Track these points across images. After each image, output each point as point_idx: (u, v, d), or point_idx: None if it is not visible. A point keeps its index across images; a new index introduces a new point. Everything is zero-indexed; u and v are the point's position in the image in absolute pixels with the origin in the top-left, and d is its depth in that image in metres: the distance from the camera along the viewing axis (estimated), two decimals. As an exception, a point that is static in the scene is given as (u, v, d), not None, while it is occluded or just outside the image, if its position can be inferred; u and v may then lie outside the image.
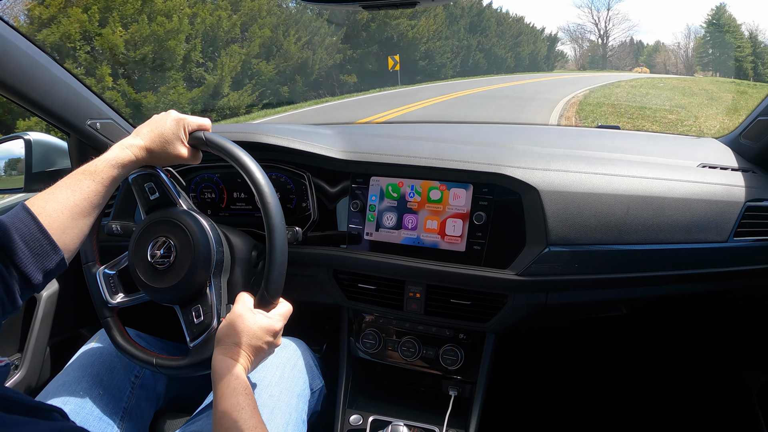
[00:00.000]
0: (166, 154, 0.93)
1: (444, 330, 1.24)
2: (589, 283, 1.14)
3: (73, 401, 0.96)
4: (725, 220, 1.13)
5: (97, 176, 0.86)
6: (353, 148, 1.22)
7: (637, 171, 1.16)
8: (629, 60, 47.10)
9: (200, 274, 0.91)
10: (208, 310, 0.91)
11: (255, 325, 0.86)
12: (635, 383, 1.70)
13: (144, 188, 0.97)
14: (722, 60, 45.32)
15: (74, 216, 0.83)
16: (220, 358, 0.82)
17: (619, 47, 50.08)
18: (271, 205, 0.89)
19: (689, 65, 48.47)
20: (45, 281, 0.80)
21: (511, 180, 1.11)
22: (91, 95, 1.37)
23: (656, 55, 50.14)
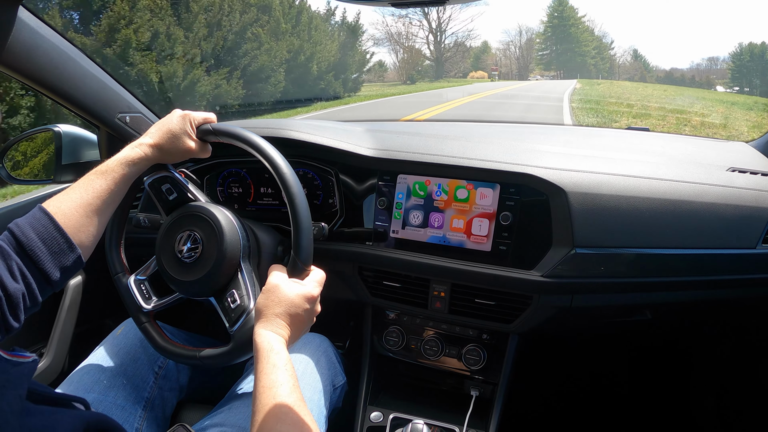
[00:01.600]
0: (176, 148, 0.95)
1: (467, 330, 1.24)
2: (614, 287, 1.13)
3: (96, 390, 0.98)
4: (754, 226, 1.12)
5: (109, 175, 0.89)
6: (381, 145, 1.22)
7: (666, 174, 1.15)
8: (464, 64, 43.82)
9: (229, 260, 0.92)
10: (242, 293, 0.91)
11: (292, 293, 0.85)
12: (658, 388, 1.69)
13: (161, 190, 0.99)
14: (568, 57, 44.65)
15: (88, 214, 0.85)
16: (260, 332, 0.81)
17: (452, 51, 44.93)
18: (287, 174, 0.91)
19: (525, 65, 46.69)
20: (63, 279, 0.83)
21: (538, 180, 1.11)
22: (120, 89, 1.39)
23: (485, 56, 47.23)
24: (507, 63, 47.11)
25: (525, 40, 47.73)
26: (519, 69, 46.76)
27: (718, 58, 44.14)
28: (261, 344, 0.79)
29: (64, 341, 1.39)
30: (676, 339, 1.60)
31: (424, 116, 12.03)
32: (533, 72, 46.62)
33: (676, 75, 39.67)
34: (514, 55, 48.35)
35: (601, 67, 44.04)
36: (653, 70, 44.02)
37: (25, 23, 1.06)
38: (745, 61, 32.52)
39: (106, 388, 0.98)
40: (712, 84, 35.14)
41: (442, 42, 42.93)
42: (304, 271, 0.90)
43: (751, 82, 32.30)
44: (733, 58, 34.27)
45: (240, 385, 1.08)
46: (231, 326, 0.90)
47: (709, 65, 41.34)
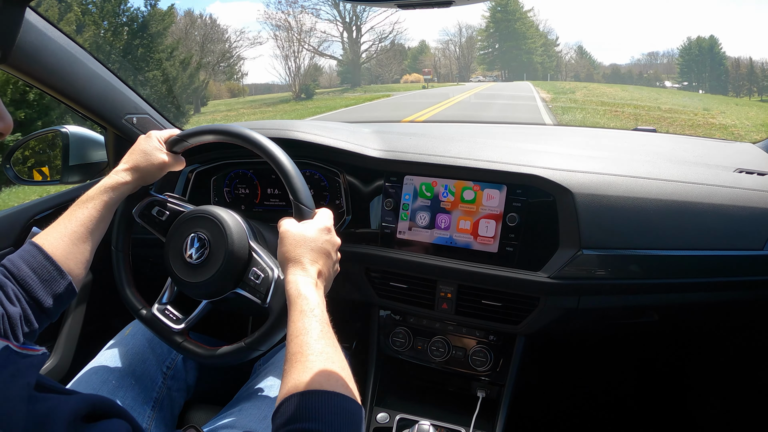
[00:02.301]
0: (151, 164, 0.98)
1: (474, 331, 1.24)
2: (621, 288, 1.13)
3: (105, 390, 0.98)
4: (761, 227, 1.11)
5: (90, 203, 0.92)
6: (387, 146, 1.23)
7: (673, 175, 1.15)
8: (395, 67, 38.10)
9: (239, 248, 0.93)
10: (263, 266, 0.92)
11: (307, 231, 0.85)
12: (664, 390, 1.68)
13: (152, 215, 1.02)
14: (513, 56, 41.14)
15: (75, 242, 0.88)
16: (288, 279, 0.80)
17: (380, 54, 37.96)
18: (261, 141, 0.95)
19: (466, 65, 42.41)
20: (57, 306, 0.85)
21: (545, 182, 1.11)
22: (127, 90, 1.40)
23: (423, 57, 42.30)
24: (446, 63, 42.68)
25: (465, 38, 43.55)
26: (460, 69, 42.34)
27: (657, 53, 42.13)
28: (289, 292, 0.78)
29: (72, 341, 1.40)
30: (682, 341, 1.59)
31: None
32: (475, 72, 42.60)
33: (623, 71, 38.01)
34: (454, 54, 43.64)
35: (548, 66, 41.08)
36: (599, 67, 41.73)
37: (32, 25, 1.07)
38: (693, 55, 31.54)
39: (114, 388, 0.99)
40: (661, 79, 34.35)
41: (359, 40, 34.12)
42: (310, 213, 0.90)
43: (701, 76, 31.51)
44: (681, 53, 33.13)
45: (249, 386, 1.08)
46: (264, 301, 0.90)
47: (650, 60, 39.39)
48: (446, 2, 0.72)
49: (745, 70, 26.73)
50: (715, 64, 30.23)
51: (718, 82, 29.26)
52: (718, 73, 29.67)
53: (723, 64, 29.67)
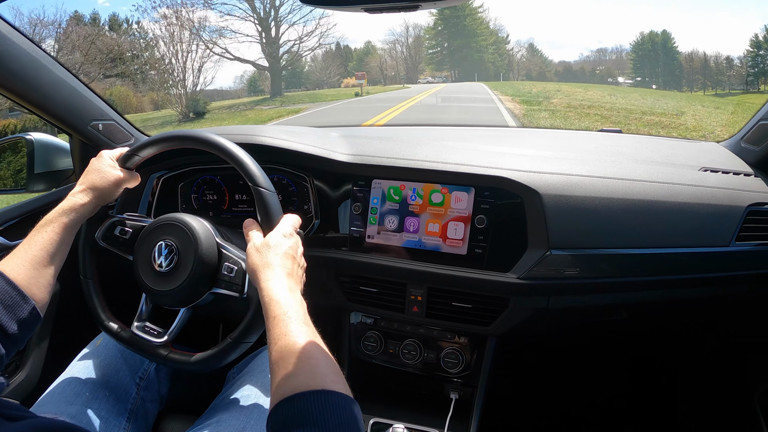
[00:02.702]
0: (107, 181, 0.98)
1: (445, 333, 1.24)
2: (590, 287, 1.13)
3: (78, 402, 0.96)
4: (727, 225, 1.13)
5: (49, 227, 0.90)
6: (355, 151, 1.22)
7: (639, 174, 1.16)
8: (334, 70, 34.03)
9: (207, 246, 0.93)
10: (234, 260, 0.93)
11: (270, 239, 0.87)
12: (637, 387, 1.70)
13: (116, 235, 1.02)
14: (463, 55, 38.35)
15: (36, 267, 0.87)
16: (260, 287, 0.81)
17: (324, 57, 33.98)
18: (214, 139, 0.95)
19: (414, 65, 39.28)
20: (22, 332, 0.83)
21: (512, 183, 1.11)
22: (93, 96, 1.38)
23: (369, 59, 38.92)
24: (393, 65, 39.43)
25: (413, 38, 40.29)
26: (407, 71, 39.05)
27: (606, 49, 40.92)
28: (263, 299, 0.79)
29: (41, 353, 1.37)
30: (653, 338, 1.61)
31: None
32: (423, 73, 39.67)
33: (575, 68, 36.45)
34: (401, 55, 40.23)
35: (500, 65, 38.34)
36: (550, 65, 39.68)
37: None
38: (647, 50, 30.71)
39: (88, 400, 0.97)
40: (613, 76, 33.56)
41: (278, 40, 26.15)
42: (272, 196, 0.92)
43: (654, 72, 30.81)
44: (634, 48, 32.13)
45: (225, 395, 1.07)
46: (241, 293, 0.90)
47: (598, 56, 38.05)
48: (412, 6, 0.72)
49: (698, 65, 26.59)
50: (669, 59, 29.78)
51: (672, 77, 28.87)
52: (672, 68, 29.35)
53: (676, 58, 29.35)
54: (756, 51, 22.29)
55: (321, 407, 0.62)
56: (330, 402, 0.63)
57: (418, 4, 0.70)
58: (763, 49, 22.01)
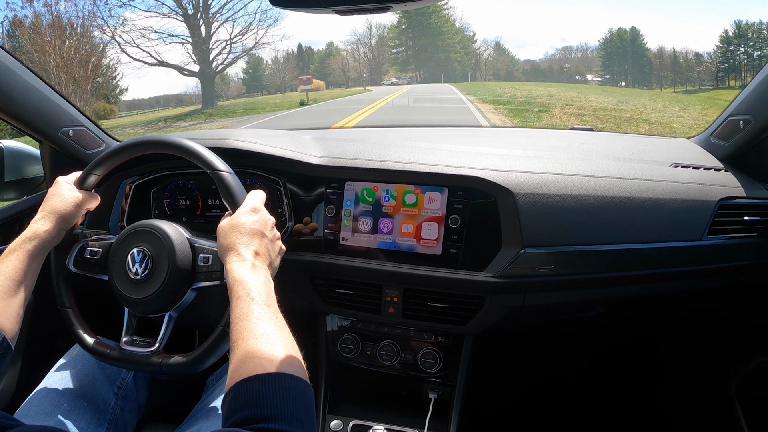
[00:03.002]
0: (66, 203, 0.97)
1: (422, 333, 1.24)
2: (565, 284, 1.14)
3: (57, 414, 0.95)
4: (699, 219, 1.15)
5: (14, 255, 0.89)
6: (328, 153, 1.21)
7: (611, 172, 1.17)
8: (289, 74, 31.83)
9: (179, 244, 0.93)
10: (208, 250, 0.93)
11: (234, 218, 0.87)
12: (614, 381, 1.71)
13: (87, 258, 1.00)
14: (429, 54, 36.15)
15: (3, 297, 0.85)
16: (226, 269, 0.82)
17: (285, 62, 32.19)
18: (170, 140, 0.96)
19: (377, 67, 36.95)
20: None
21: (485, 182, 1.11)
22: (63, 102, 1.36)
23: (330, 60, 36.89)
24: (356, 66, 37.20)
25: (376, 38, 37.95)
26: (371, 72, 36.70)
27: (571, 47, 39.63)
28: (227, 280, 0.80)
29: (15, 364, 1.35)
30: (629, 332, 1.62)
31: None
32: (387, 75, 37.06)
33: (543, 67, 35.15)
34: (364, 56, 37.82)
35: (467, 64, 36.17)
36: (517, 64, 37.95)
37: None
38: (615, 47, 29.80)
39: (67, 412, 0.96)
40: (582, 73, 32.58)
41: (209, 40, 21.35)
42: (230, 177, 0.92)
43: (623, 69, 30.18)
44: (603, 45, 30.96)
45: (204, 403, 1.06)
46: (222, 279, 0.91)
47: (564, 54, 36.89)
48: (384, 7, 0.71)
49: (668, 61, 26.24)
50: (638, 56, 29.20)
51: (642, 74, 28.46)
52: (641, 65, 28.90)
53: (645, 55, 28.87)
54: (726, 47, 22.15)
55: (276, 390, 0.63)
56: (284, 385, 0.64)
57: (389, 5, 0.70)
58: (732, 44, 21.84)
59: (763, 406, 1.36)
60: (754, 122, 1.19)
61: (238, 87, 30.00)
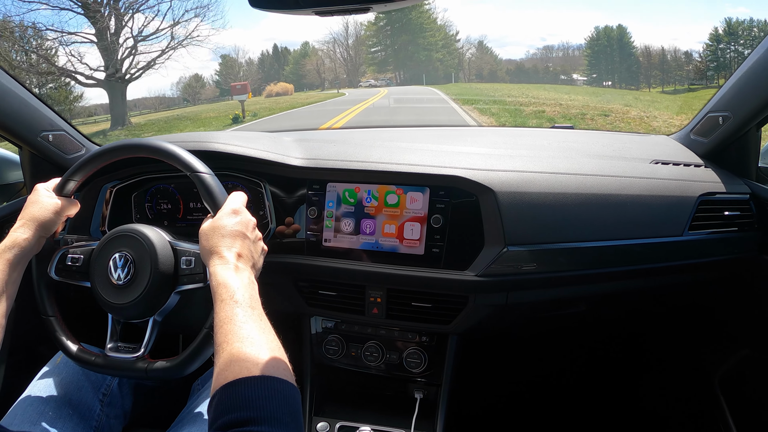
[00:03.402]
0: (45, 211, 0.96)
1: (406, 333, 1.24)
2: (548, 282, 1.15)
3: (42, 422, 0.94)
4: (679, 215, 1.15)
5: None
6: (309, 154, 1.21)
7: (591, 169, 1.18)
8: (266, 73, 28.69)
9: (161, 247, 0.93)
10: (190, 252, 0.93)
11: (216, 221, 0.87)
12: (599, 377, 1.72)
13: (68, 265, 0.99)
14: (409, 53, 32.94)
15: None
16: (209, 272, 0.81)
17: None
18: (148, 143, 0.96)
19: (355, 68, 33.44)
20: None
21: (467, 182, 1.11)
22: (42, 106, 1.34)
23: (306, 61, 33.07)
24: (332, 66, 34.06)
25: (354, 38, 34.29)
26: (348, 73, 33.67)
27: (552, 46, 37.90)
28: (211, 283, 0.80)
29: (-3, 373, 1.34)
30: (613, 327, 1.63)
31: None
32: (365, 76, 33.85)
33: (528, 66, 32.61)
34: (341, 56, 34.45)
35: (449, 64, 33.23)
36: (500, 63, 34.95)
37: None
38: (603, 45, 27.87)
39: (52, 420, 0.95)
40: (567, 73, 30.37)
41: (117, 37, 15.39)
42: (209, 179, 0.92)
43: (610, 68, 28.45)
44: (589, 43, 28.80)
45: (190, 408, 1.06)
46: (205, 281, 0.91)
47: (545, 54, 33.99)
48: (363, 8, 0.71)
49: (656, 60, 24.92)
50: (625, 55, 27.63)
51: (629, 73, 27.17)
52: (629, 63, 27.43)
53: (633, 54, 27.22)
54: (716, 45, 21.88)
55: (261, 393, 0.63)
56: (270, 388, 0.64)
57: (368, 6, 0.69)
58: (723, 42, 21.56)
59: (746, 397, 1.37)
60: (733, 118, 1.20)
61: (213, 90, 26.77)
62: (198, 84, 25.03)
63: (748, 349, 1.36)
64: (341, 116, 12.51)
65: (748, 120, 1.17)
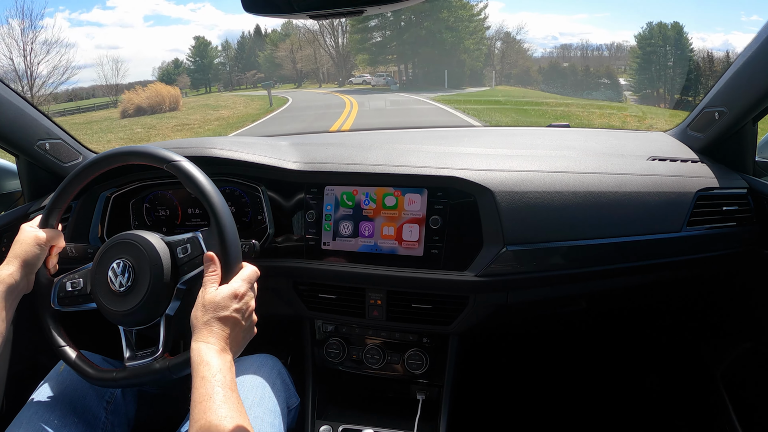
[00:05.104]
0: (28, 246, 0.95)
1: (407, 335, 1.24)
2: (548, 280, 1.15)
3: (48, 429, 0.94)
4: (678, 211, 1.16)
5: None
6: (306, 158, 1.21)
7: (588, 167, 1.18)
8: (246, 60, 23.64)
9: (158, 246, 0.92)
10: (184, 241, 0.93)
11: (217, 296, 0.84)
12: (601, 373, 1.72)
13: (70, 291, 0.98)
14: (422, 38, 23.29)
15: None
16: (192, 346, 0.80)
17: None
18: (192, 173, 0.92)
19: (343, 58, 25.44)
20: None
21: (464, 182, 1.11)
22: (39, 115, 1.34)
23: (282, 45, 26.85)
24: (311, 55, 26.33)
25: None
26: (336, 65, 26.19)
27: (570, 45, 34.42)
28: (192, 358, 0.78)
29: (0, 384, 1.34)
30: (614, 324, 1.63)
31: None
32: (357, 70, 25.82)
33: (564, 65, 26.45)
34: (329, 45, 26.17)
35: (476, 57, 23.97)
36: (530, 59, 28.55)
37: None
38: (656, 45, 22.70)
39: (58, 428, 0.95)
40: (614, 76, 24.88)
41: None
42: (233, 272, 0.89)
43: (662, 74, 23.08)
44: (639, 42, 23.49)
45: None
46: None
47: (563, 53, 29.90)
48: (357, 11, 0.71)
49: (719, 67, 20.35)
50: (682, 60, 22.57)
51: (687, 81, 21.77)
52: (686, 70, 22.36)
53: (691, 59, 22.49)
54: None
55: None
56: None
57: (362, 8, 0.69)
58: None
59: (749, 392, 1.37)
60: (728, 113, 1.20)
61: (185, 80, 23.15)
62: (176, 71, 22.97)
63: (749, 343, 1.36)
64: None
65: (743, 114, 1.17)
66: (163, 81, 22.22)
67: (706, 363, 1.49)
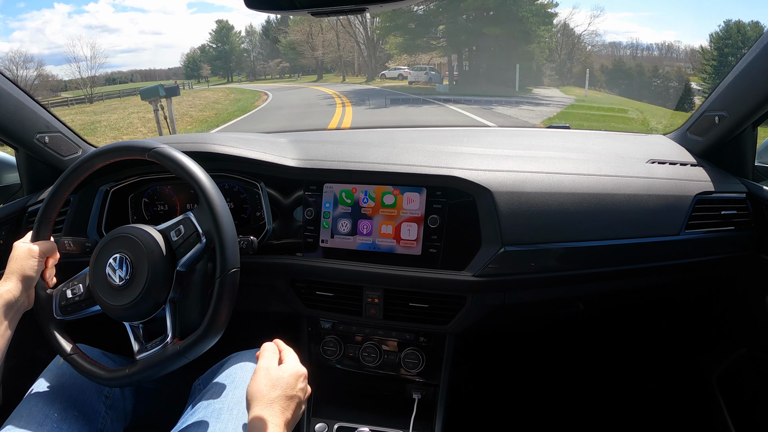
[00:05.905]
0: (22, 260, 0.96)
1: (404, 334, 1.24)
2: (545, 282, 1.15)
3: (48, 424, 0.94)
4: (676, 214, 1.16)
5: None
6: (305, 155, 1.21)
7: (588, 169, 1.18)
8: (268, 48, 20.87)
9: (152, 234, 0.92)
10: (175, 222, 0.94)
11: (286, 373, 0.85)
12: (597, 376, 1.72)
13: (71, 298, 0.98)
14: (483, 18, 18.16)
15: None
16: (256, 418, 0.79)
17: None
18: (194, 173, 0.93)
19: (373, 45, 20.90)
20: None
21: (464, 182, 1.11)
22: (38, 108, 1.34)
23: (297, 28, 24.15)
24: (333, 40, 22.42)
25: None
26: (367, 49, 21.87)
27: (620, 43, 30.48)
28: (249, 427, 0.78)
29: (-4, 377, 1.34)
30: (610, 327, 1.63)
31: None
32: (392, 61, 21.77)
33: (629, 64, 23.25)
34: (355, 27, 21.59)
35: (544, 46, 19.37)
36: (592, 57, 24.79)
37: None
38: (735, 47, 19.61)
39: (58, 422, 0.95)
40: (682, 78, 21.61)
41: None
42: (231, 246, 0.89)
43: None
44: (715, 42, 20.36)
45: (192, 408, 1.05)
46: (199, 239, 0.92)
47: (613, 52, 25.90)
48: (360, 9, 0.71)
49: None
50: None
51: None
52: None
53: None
54: None
55: None
56: None
57: (365, 6, 0.69)
58: None
59: (744, 397, 1.37)
60: (728, 117, 1.20)
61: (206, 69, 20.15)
62: (202, 57, 20.07)
63: (745, 348, 1.36)
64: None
65: (743, 119, 1.17)
66: (188, 68, 20.61)
67: (702, 367, 1.49)
